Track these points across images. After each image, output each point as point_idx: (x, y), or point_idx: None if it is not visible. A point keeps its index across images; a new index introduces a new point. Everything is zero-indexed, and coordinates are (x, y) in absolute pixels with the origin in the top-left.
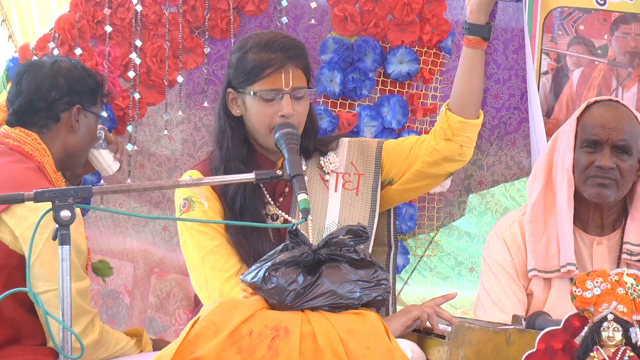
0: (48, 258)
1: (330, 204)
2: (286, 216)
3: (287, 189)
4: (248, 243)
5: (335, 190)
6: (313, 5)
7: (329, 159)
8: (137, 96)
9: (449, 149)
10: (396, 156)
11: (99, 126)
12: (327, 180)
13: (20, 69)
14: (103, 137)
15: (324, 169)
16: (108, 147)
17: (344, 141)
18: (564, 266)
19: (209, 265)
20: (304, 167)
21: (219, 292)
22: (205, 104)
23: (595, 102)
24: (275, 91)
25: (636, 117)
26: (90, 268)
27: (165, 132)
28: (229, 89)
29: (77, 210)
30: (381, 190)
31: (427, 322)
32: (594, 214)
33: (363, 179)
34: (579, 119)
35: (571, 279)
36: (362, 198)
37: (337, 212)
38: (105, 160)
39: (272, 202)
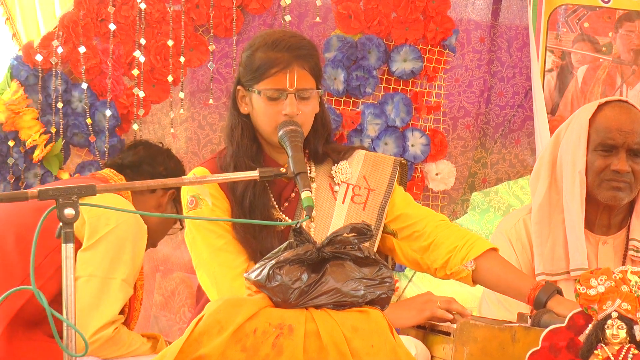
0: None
1: (335, 215)
2: (287, 219)
3: (293, 195)
4: (256, 241)
5: (343, 202)
6: (318, 3)
7: (340, 169)
8: (141, 94)
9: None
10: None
11: None
12: (335, 191)
13: None
14: None
15: (334, 178)
16: None
17: (360, 153)
18: (575, 270)
19: (218, 263)
20: (313, 174)
21: (228, 290)
22: (211, 101)
23: (606, 103)
24: (280, 91)
25: None
26: None
27: (172, 130)
28: (239, 87)
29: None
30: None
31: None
32: (602, 213)
33: (372, 195)
34: (591, 121)
35: (576, 279)
36: (367, 213)
37: (341, 225)
38: None
39: (276, 207)
